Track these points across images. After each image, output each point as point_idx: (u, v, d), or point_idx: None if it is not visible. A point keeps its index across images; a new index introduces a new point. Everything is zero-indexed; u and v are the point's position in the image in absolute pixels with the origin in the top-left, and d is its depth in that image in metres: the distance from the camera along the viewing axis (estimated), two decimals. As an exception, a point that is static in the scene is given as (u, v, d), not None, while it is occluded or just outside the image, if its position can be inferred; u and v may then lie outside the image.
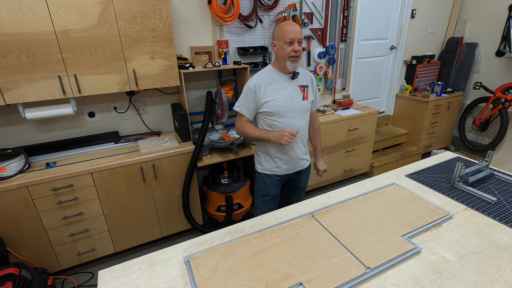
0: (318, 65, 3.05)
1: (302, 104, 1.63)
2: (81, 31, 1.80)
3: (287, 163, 1.71)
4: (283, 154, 1.68)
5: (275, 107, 1.56)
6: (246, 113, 1.62)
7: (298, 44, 1.51)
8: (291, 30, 1.49)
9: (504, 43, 3.40)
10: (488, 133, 3.65)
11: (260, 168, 1.77)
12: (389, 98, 3.87)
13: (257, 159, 1.79)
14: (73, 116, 2.22)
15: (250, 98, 1.59)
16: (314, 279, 0.96)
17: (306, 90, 1.66)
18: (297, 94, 1.62)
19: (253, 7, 2.50)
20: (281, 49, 1.54)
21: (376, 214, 1.29)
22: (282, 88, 1.59)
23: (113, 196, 2.05)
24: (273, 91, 1.57)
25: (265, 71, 1.63)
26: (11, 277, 1.57)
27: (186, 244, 1.18)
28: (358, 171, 3.30)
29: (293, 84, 1.62)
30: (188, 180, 2.22)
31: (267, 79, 1.59)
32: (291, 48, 1.51)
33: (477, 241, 1.13)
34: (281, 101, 1.57)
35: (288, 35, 1.49)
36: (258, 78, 1.59)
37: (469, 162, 1.77)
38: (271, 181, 1.75)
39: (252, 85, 1.57)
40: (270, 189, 1.77)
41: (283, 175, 1.74)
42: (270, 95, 1.56)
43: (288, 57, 1.53)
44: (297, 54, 1.52)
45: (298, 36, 1.50)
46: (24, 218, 1.84)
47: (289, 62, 1.54)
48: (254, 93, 1.57)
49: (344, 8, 2.96)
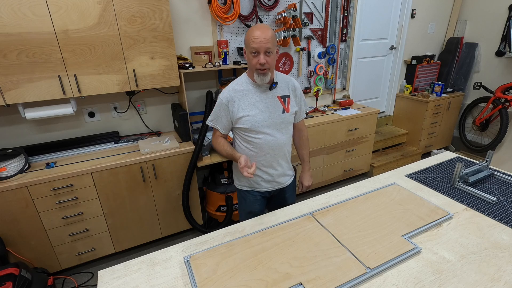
0: (318, 65, 3.05)
1: (282, 117, 1.43)
2: (81, 31, 1.80)
3: (266, 181, 1.53)
4: (262, 172, 1.50)
5: (251, 123, 1.38)
6: (220, 127, 1.46)
7: (265, 54, 1.27)
8: (256, 38, 1.25)
9: (504, 43, 3.40)
10: (488, 133, 3.65)
11: (238, 184, 1.59)
12: (389, 98, 3.87)
13: (235, 175, 1.61)
14: (73, 116, 2.22)
15: (223, 112, 1.42)
16: (314, 279, 0.96)
17: (287, 100, 1.45)
18: (276, 107, 1.42)
19: (253, 7, 2.50)
20: (248, 59, 1.33)
21: (376, 214, 1.29)
22: (259, 101, 1.40)
23: (113, 196, 2.05)
24: (248, 104, 1.38)
25: (239, 81, 1.43)
26: (11, 277, 1.57)
27: (186, 244, 1.18)
28: (358, 171, 3.30)
29: (271, 96, 1.42)
30: (188, 180, 2.22)
31: (241, 91, 1.39)
32: (256, 59, 1.28)
33: (477, 241, 1.13)
34: (257, 116, 1.38)
35: (251, 43, 1.26)
36: (231, 90, 1.40)
37: (469, 162, 1.77)
38: (252, 198, 1.57)
39: (224, 98, 1.39)
40: (252, 206, 1.58)
41: (263, 191, 1.56)
42: (244, 110, 1.38)
43: (254, 69, 1.33)
44: (264, 67, 1.29)
45: (264, 45, 1.25)
46: (24, 218, 1.84)
47: (256, 75, 1.34)
48: (227, 107, 1.39)
49: (344, 8, 2.96)
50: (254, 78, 1.37)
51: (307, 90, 3.10)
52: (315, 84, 3.11)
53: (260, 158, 1.46)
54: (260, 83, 1.36)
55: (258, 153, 1.45)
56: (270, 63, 1.30)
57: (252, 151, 1.46)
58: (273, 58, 1.32)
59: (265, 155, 1.46)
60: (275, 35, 1.31)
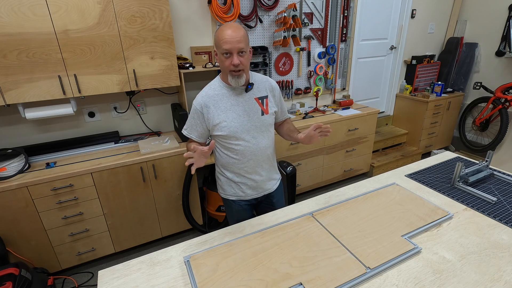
0: (318, 65, 3.05)
1: (261, 120, 1.35)
2: (81, 31, 1.80)
3: (252, 188, 1.45)
4: (247, 179, 1.42)
5: (228, 129, 1.30)
6: (195, 136, 1.36)
7: (238, 54, 1.20)
8: (228, 38, 1.16)
9: (504, 43, 3.40)
10: (488, 133, 3.65)
11: (223, 193, 1.51)
12: (389, 98, 3.87)
13: (219, 183, 1.52)
14: (73, 116, 2.22)
15: (197, 120, 1.33)
16: (314, 279, 0.96)
17: (265, 102, 1.37)
18: (254, 110, 1.33)
19: (253, 7, 2.50)
20: (220, 61, 1.25)
21: (376, 214, 1.29)
22: (235, 104, 1.31)
23: (113, 196, 2.05)
24: (224, 110, 1.30)
25: (213, 85, 1.35)
26: (11, 277, 1.57)
27: (186, 244, 1.18)
28: (358, 171, 3.30)
29: (248, 98, 1.33)
30: (188, 180, 2.22)
31: (215, 96, 1.31)
32: (229, 61, 1.20)
33: (477, 241, 1.13)
34: (235, 121, 1.30)
35: (222, 44, 1.18)
36: (204, 95, 1.32)
37: (469, 162, 1.77)
38: (238, 207, 1.50)
39: (198, 105, 1.31)
40: (239, 215, 1.51)
41: (250, 199, 1.48)
42: (220, 116, 1.30)
43: (228, 72, 1.24)
44: (238, 68, 1.21)
45: (237, 46, 1.17)
46: (24, 218, 1.84)
47: (230, 77, 1.25)
48: (201, 114, 1.31)
49: (344, 8, 2.96)
50: (228, 81, 1.28)
51: (307, 90, 3.10)
52: (315, 84, 3.11)
53: (243, 165, 1.39)
54: (235, 85, 1.28)
55: (240, 159, 1.37)
56: (244, 63, 1.23)
57: (233, 158, 1.38)
58: (247, 58, 1.25)
59: (247, 161, 1.38)
60: (247, 34, 1.24)
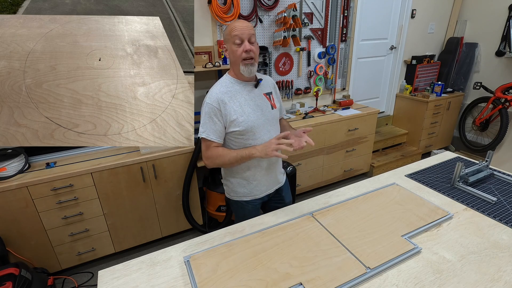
0: (318, 65, 3.05)
1: (272, 113, 1.40)
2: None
3: (265, 184, 1.47)
4: (263, 174, 1.44)
5: (246, 123, 1.30)
6: (215, 137, 1.31)
7: (249, 42, 1.24)
8: (238, 27, 1.23)
9: (504, 43, 3.40)
10: (488, 133, 3.65)
11: (236, 196, 1.49)
12: (389, 98, 3.88)
13: (230, 187, 1.49)
14: (73, 116, 2.22)
15: (215, 118, 1.29)
16: (314, 279, 0.96)
17: (271, 97, 1.43)
18: (265, 104, 1.38)
19: (253, 7, 2.50)
20: (231, 52, 1.27)
21: (376, 214, 1.29)
22: (248, 99, 1.33)
23: (113, 196, 2.05)
24: (240, 105, 1.31)
25: (223, 82, 1.35)
26: (11, 277, 1.57)
27: (186, 244, 1.18)
28: (358, 171, 3.30)
29: (258, 93, 1.37)
30: (188, 180, 2.22)
31: (229, 92, 1.31)
32: (241, 48, 1.23)
33: (477, 241, 1.13)
34: (251, 115, 1.31)
35: (233, 31, 1.23)
36: (218, 92, 1.30)
37: (469, 162, 1.77)
38: (251, 207, 1.50)
39: (214, 101, 1.28)
40: (251, 214, 1.47)
41: (263, 196, 1.50)
42: (237, 111, 1.30)
43: (240, 61, 1.26)
44: (250, 55, 1.25)
45: (247, 31, 1.23)
46: (24, 218, 1.84)
47: (242, 67, 1.27)
48: (219, 110, 1.28)
49: (344, 8, 2.96)
50: (239, 73, 1.30)
51: (307, 90, 3.10)
52: (315, 84, 3.11)
53: (261, 161, 1.41)
54: (248, 75, 1.30)
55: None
56: (255, 52, 1.27)
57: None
58: (257, 48, 1.29)
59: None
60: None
